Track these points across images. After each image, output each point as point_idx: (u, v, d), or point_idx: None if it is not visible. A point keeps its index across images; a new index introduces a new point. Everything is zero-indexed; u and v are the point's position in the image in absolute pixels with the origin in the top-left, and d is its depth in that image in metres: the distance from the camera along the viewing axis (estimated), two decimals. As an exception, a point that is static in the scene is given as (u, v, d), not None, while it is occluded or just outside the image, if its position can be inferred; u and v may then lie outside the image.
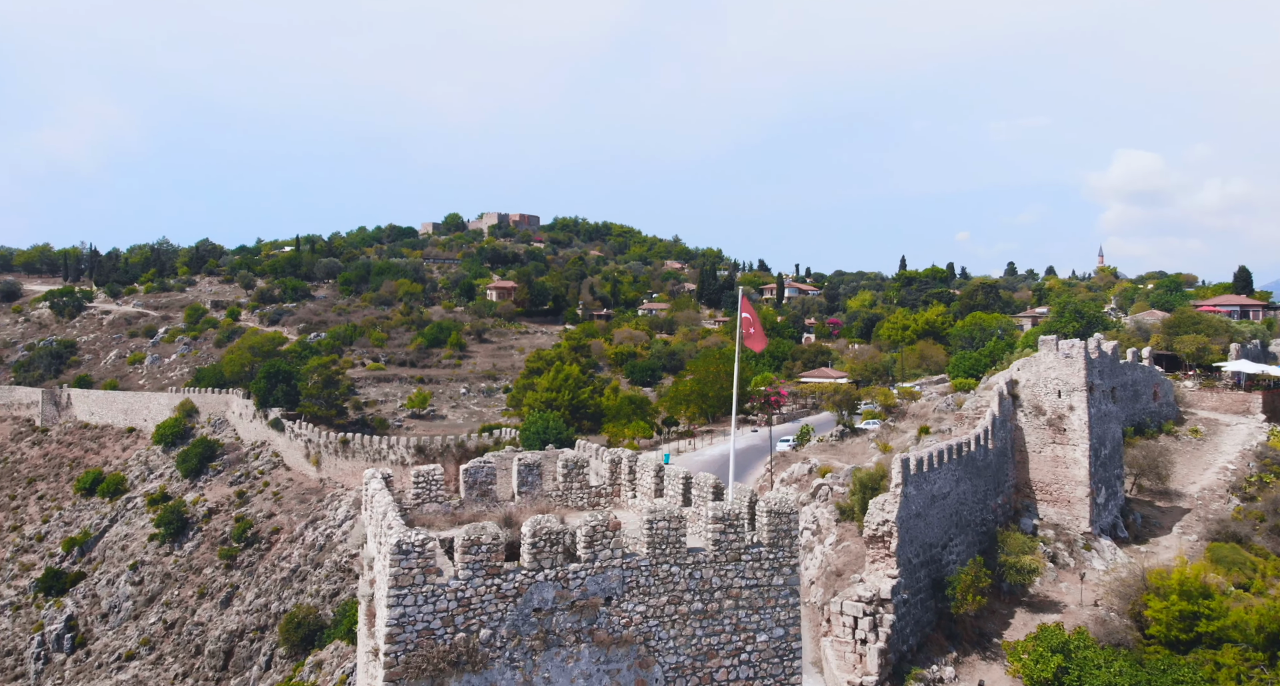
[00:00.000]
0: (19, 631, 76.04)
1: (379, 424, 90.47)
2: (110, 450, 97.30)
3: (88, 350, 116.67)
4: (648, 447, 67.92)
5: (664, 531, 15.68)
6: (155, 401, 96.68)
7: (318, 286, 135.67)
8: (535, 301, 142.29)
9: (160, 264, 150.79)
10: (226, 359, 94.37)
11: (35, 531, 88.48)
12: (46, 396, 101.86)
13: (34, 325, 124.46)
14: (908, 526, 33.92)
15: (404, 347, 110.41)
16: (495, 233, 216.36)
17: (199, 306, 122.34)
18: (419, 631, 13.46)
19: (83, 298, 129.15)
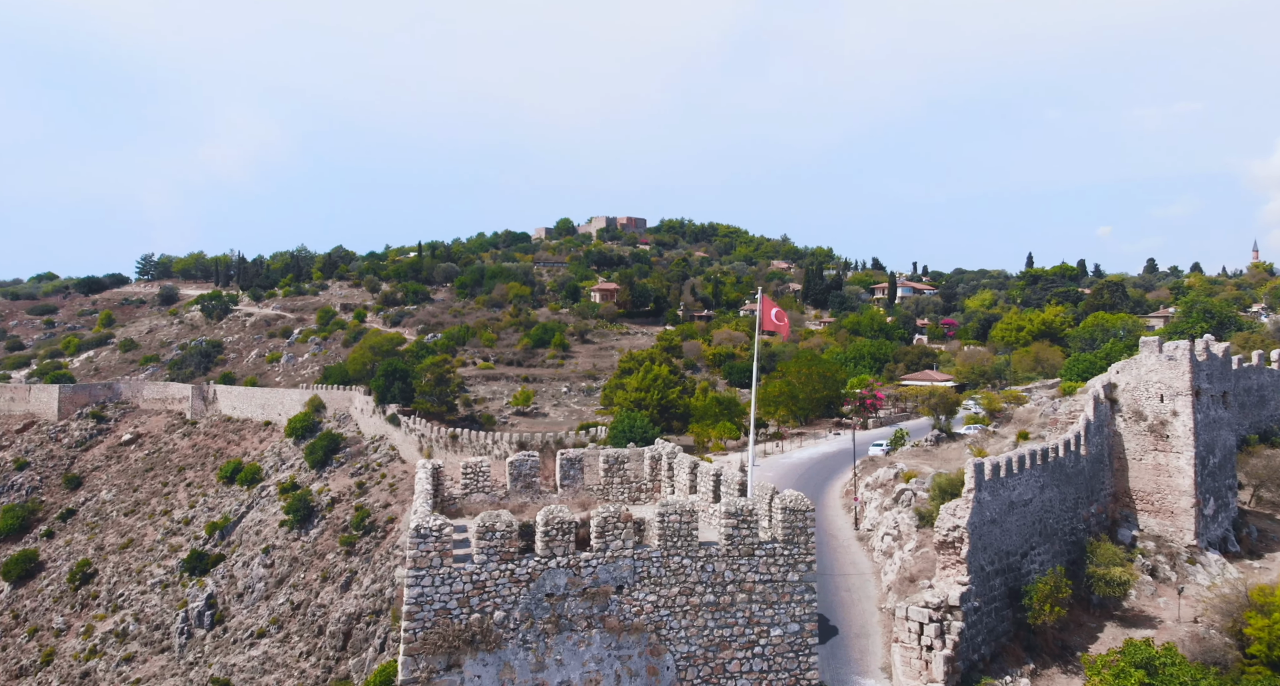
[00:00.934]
0: (166, 607, 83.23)
1: (486, 420, 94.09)
2: (249, 442, 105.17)
3: (232, 349, 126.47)
4: (735, 449, 67.96)
5: (675, 524, 16.25)
6: (288, 397, 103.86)
7: (437, 290, 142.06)
8: (636, 303, 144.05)
9: (298, 269, 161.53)
10: (350, 358, 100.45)
11: (183, 515, 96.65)
12: (195, 392, 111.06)
13: (186, 326, 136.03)
14: (981, 533, 32.95)
15: (511, 348, 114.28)
16: (603, 236, 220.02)
17: (329, 309, 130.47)
18: (436, 610, 14.57)
19: (229, 301, 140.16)
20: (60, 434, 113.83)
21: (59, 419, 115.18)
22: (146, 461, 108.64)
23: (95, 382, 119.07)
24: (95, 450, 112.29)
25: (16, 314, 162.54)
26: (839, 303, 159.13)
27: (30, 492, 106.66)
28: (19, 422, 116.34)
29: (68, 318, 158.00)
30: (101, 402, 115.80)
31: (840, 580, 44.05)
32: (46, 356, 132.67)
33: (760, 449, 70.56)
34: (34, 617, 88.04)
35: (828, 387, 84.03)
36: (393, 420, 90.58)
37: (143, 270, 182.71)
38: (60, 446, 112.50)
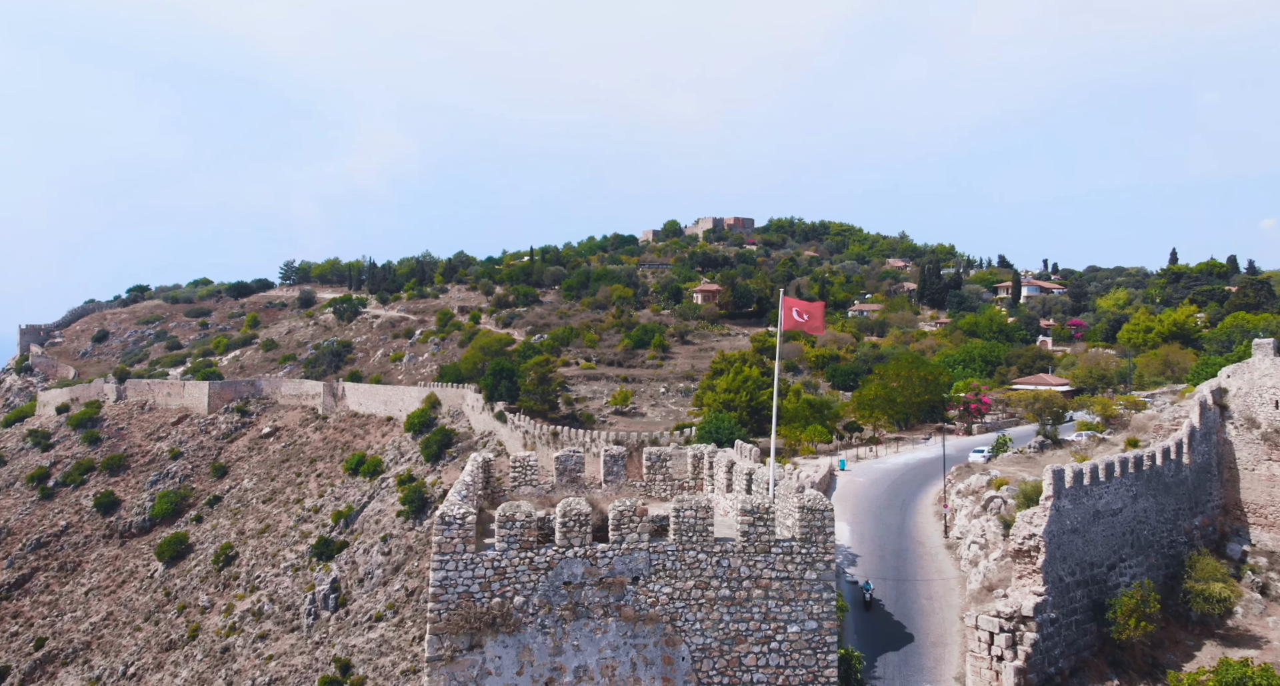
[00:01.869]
0: (296, 589, 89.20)
1: (586, 418, 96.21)
2: (373, 436, 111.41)
3: (360, 349, 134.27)
4: (825, 453, 66.97)
5: (690, 519, 16.73)
6: (408, 394, 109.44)
7: (546, 292, 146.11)
8: (738, 304, 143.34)
9: (421, 274, 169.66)
10: (463, 358, 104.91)
11: (313, 504, 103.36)
12: (326, 389, 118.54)
13: (320, 328, 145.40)
14: (1060, 542, 31.58)
15: (613, 348, 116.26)
16: (709, 237, 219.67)
17: (448, 311, 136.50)
18: (459, 593, 15.63)
19: (358, 304, 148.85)
20: (209, 426, 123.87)
21: (208, 413, 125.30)
22: (283, 453, 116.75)
23: (240, 380, 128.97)
24: (239, 442, 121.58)
25: (176, 316, 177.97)
26: (957, 302, 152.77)
27: (183, 480, 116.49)
28: (175, 416, 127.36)
29: (219, 319, 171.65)
30: (245, 398, 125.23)
31: (923, 588, 43.01)
32: (199, 355, 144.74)
33: (853, 453, 69.21)
34: (183, 595, 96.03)
35: (929, 391, 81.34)
36: (500, 417, 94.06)
37: (285, 275, 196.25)
38: (209, 438, 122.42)
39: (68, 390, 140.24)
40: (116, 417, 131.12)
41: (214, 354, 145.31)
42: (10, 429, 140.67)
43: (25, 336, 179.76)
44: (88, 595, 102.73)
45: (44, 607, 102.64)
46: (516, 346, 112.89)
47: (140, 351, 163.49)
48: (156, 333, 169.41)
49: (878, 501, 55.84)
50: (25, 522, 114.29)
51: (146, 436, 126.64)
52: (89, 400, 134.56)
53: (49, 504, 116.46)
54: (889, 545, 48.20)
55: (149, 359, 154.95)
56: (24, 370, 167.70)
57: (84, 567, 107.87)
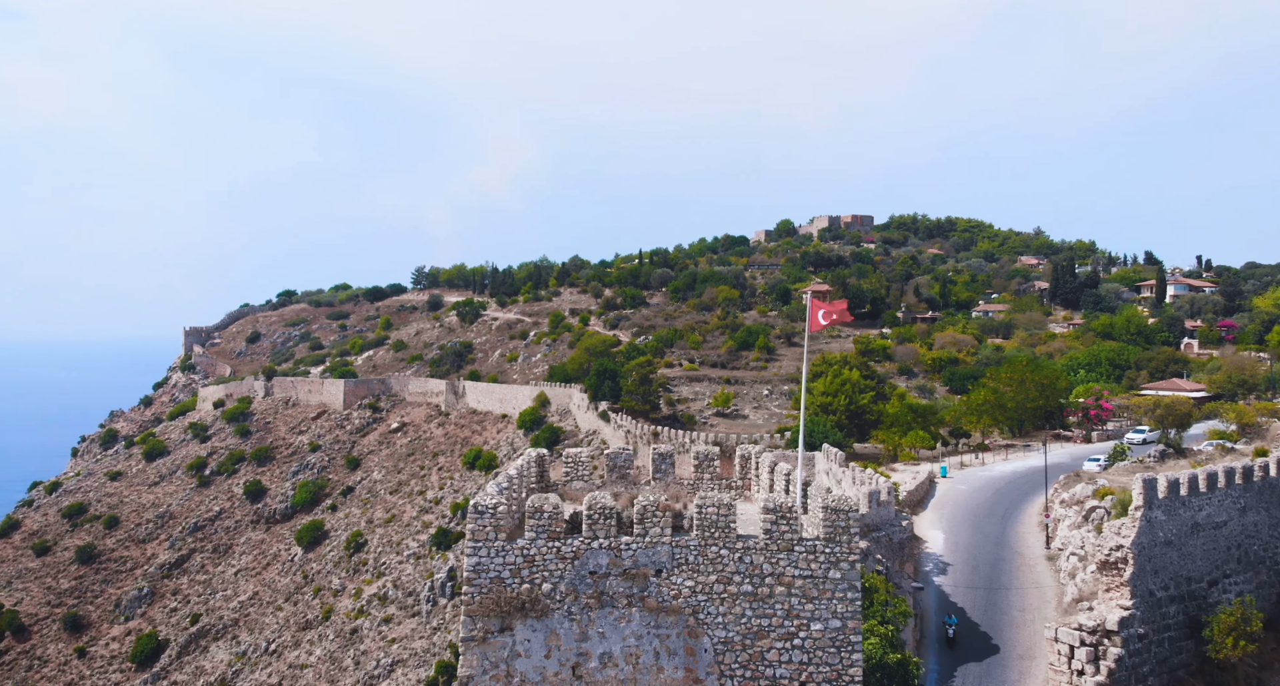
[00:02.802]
0: (418, 576, 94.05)
1: (688, 419, 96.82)
2: (489, 432, 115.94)
3: (480, 349, 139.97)
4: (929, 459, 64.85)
5: (712, 515, 17.15)
6: (520, 393, 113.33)
7: (653, 294, 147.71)
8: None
9: (538, 278, 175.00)
10: (570, 358, 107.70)
11: (434, 496, 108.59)
12: (448, 387, 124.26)
13: (445, 329, 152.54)
14: (1151, 555, 29.78)
15: (716, 350, 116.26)
16: (824, 236, 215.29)
17: (559, 313, 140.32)
18: (491, 578, 16.65)
19: (479, 307, 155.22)
20: (345, 421, 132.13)
21: (344, 408, 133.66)
22: (409, 447, 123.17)
23: (372, 378, 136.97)
24: (370, 436, 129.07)
25: (318, 319, 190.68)
26: (1093, 302, 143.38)
27: (320, 471, 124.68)
28: (314, 411, 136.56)
29: (357, 322, 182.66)
30: (376, 395, 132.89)
31: (1016, 599, 41.41)
32: (338, 355, 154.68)
33: (958, 461, 66.82)
34: (318, 578, 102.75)
35: (1045, 396, 77.29)
36: (603, 416, 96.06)
37: (416, 280, 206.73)
38: (344, 432, 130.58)
39: (223, 387, 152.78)
40: (264, 412, 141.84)
41: (350, 354, 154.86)
42: (175, 421, 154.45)
43: (189, 338, 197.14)
44: (236, 575, 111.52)
45: (199, 586, 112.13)
46: (621, 347, 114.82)
47: (287, 351, 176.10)
48: (301, 334, 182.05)
49: (978, 510, 53.88)
50: (185, 507, 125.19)
51: (290, 430, 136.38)
52: (241, 396, 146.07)
53: (205, 491, 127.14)
54: (984, 555, 46.52)
55: (294, 358, 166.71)
56: (188, 368, 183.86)
57: (234, 550, 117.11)
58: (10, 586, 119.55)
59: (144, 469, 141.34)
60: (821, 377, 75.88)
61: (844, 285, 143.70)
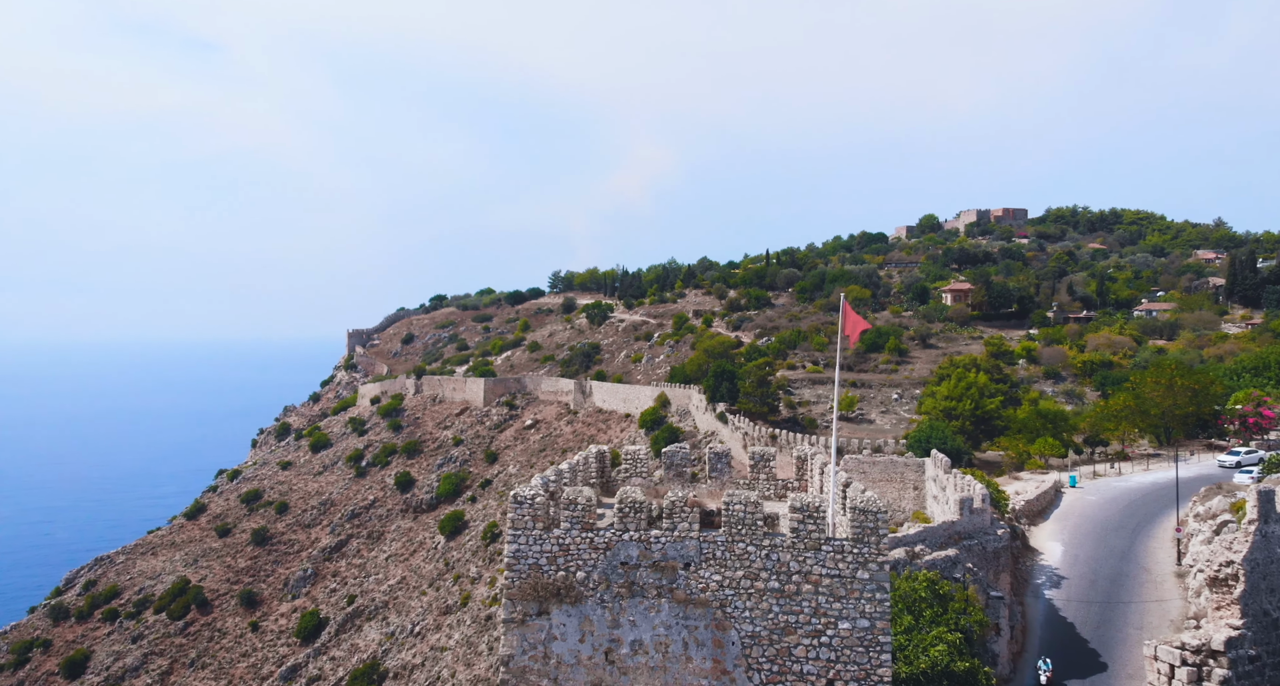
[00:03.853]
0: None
1: (808, 423, 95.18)
2: (613, 430, 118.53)
3: (607, 351, 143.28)
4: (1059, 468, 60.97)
5: (739, 513, 17.44)
6: (642, 393, 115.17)
7: (779, 295, 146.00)
8: (994, 304, 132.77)
9: (665, 280, 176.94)
10: (689, 360, 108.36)
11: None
12: (576, 386, 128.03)
13: (575, 331, 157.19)
14: (1267, 572, 27.15)
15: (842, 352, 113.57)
16: (971, 231, 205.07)
17: (683, 314, 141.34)
18: (529, 565, 17.67)
19: (607, 309, 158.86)
20: (484, 418, 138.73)
21: (484, 405, 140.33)
22: (541, 443, 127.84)
23: (509, 377, 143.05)
24: (507, 432, 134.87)
25: (465, 321, 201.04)
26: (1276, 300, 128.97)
27: (462, 464, 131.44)
28: (458, 408, 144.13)
29: (498, 324, 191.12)
30: (513, 393, 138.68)
31: (1134, 616, 38.73)
32: (480, 355, 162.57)
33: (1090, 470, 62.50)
34: (458, 566, 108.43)
35: (1196, 402, 70.79)
36: (721, 418, 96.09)
37: (553, 284, 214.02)
38: (484, 428, 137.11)
39: (379, 385, 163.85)
40: (414, 408, 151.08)
41: (490, 354, 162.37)
42: (337, 416, 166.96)
43: (352, 339, 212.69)
44: (387, 561, 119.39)
45: (355, 569, 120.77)
46: (742, 349, 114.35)
47: (437, 351, 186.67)
48: (449, 335, 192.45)
49: (1106, 523, 50.40)
50: (344, 496, 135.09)
51: (436, 425, 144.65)
52: (394, 393, 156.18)
53: (362, 481, 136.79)
54: (1105, 569, 43.62)
55: (442, 358, 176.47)
56: (350, 367, 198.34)
57: (385, 537, 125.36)
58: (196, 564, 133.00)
59: (310, 459, 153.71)
60: (946, 381, 72.88)
61: (986, 283, 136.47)
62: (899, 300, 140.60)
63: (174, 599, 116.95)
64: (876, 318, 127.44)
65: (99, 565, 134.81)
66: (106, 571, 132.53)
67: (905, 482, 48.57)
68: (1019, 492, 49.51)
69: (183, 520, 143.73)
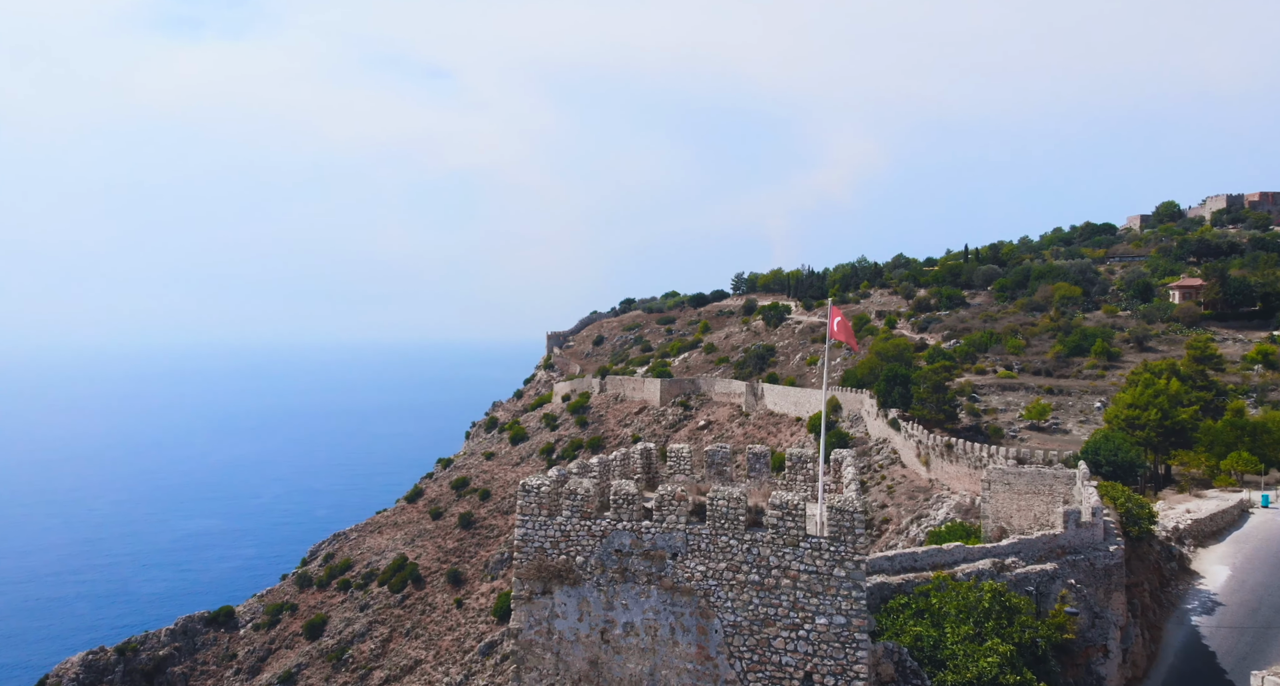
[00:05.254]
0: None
1: (993, 432, 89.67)
2: (783, 434, 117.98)
3: (782, 353, 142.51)
4: (1253, 486, 53.90)
5: (722, 508, 18.50)
6: (813, 397, 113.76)
7: (975, 294, 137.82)
8: (1232, 301, 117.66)
9: (850, 280, 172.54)
10: (860, 362, 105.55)
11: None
12: (748, 389, 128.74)
13: (751, 333, 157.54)
14: None
15: (1041, 355, 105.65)
16: (1219, 219, 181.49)
17: (865, 316, 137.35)
18: (535, 548, 19.77)
19: (783, 311, 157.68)
20: (660, 417, 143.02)
21: (660, 405, 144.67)
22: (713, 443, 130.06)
23: (684, 378, 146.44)
24: (681, 431, 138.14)
25: (650, 323, 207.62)
26: None
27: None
28: (636, 407, 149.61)
29: (681, 326, 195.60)
30: (687, 394, 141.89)
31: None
32: (659, 356, 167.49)
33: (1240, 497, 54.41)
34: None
35: None
36: (893, 424, 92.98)
37: (735, 286, 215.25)
38: (660, 427, 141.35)
39: (570, 383, 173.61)
40: (599, 406, 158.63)
41: (669, 356, 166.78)
42: (534, 412, 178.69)
43: (550, 341, 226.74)
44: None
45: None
46: (925, 352, 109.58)
47: (624, 352, 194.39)
48: (635, 337, 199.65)
49: (1289, 548, 44.43)
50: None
51: (617, 423, 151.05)
52: (581, 392, 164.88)
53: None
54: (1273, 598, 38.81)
55: (627, 359, 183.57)
56: (548, 367, 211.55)
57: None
58: (414, 543, 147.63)
59: (510, 451, 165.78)
60: (1133, 388, 66.61)
61: (1222, 278, 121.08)
62: (1116, 298, 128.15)
63: (394, 573, 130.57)
64: (1086, 318, 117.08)
65: (336, 540, 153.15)
66: (342, 546, 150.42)
67: (1054, 495, 45.46)
68: (1190, 511, 44.75)
69: (404, 503, 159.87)
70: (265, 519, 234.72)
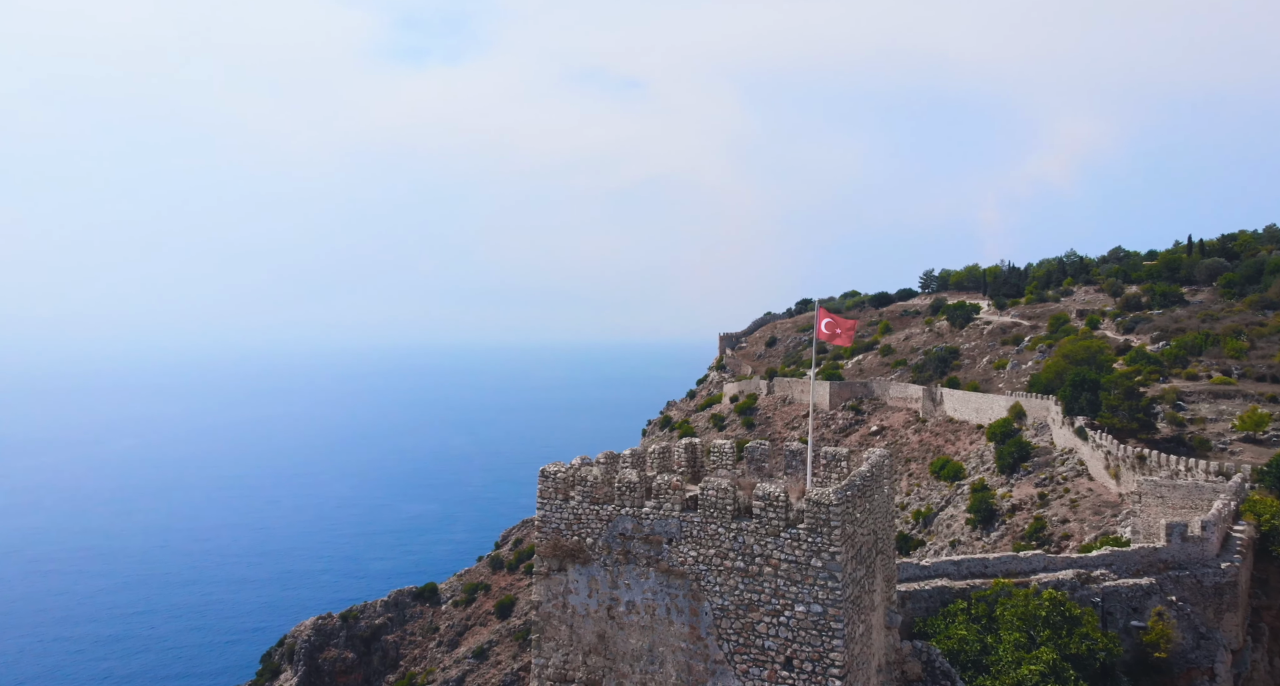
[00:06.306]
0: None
1: (1198, 443, 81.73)
2: (962, 442, 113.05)
3: (967, 355, 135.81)
4: None
5: (713, 498, 20.03)
6: (996, 403, 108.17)
7: (1196, 291, 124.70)
8: None
9: (1052, 276, 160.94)
10: (1045, 366, 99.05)
11: (900, 501, 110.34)
12: (925, 393, 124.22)
13: (933, 334, 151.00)
14: None
15: (1268, 359, 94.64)
16: None
17: (1063, 315, 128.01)
18: (552, 529, 22.20)
19: (971, 310, 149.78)
20: (829, 421, 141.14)
21: (829, 409, 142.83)
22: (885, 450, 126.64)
23: (856, 381, 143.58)
24: (852, 437, 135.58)
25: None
26: None
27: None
28: (804, 410, 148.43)
29: (860, 327, 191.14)
30: (859, 398, 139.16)
31: None
32: (832, 358, 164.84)
33: None
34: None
35: None
36: (1080, 433, 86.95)
37: (924, 284, 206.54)
38: (829, 431, 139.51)
39: (738, 384, 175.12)
40: (766, 408, 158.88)
41: (841, 357, 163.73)
42: (703, 412, 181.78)
43: (723, 342, 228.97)
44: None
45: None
46: (1128, 354, 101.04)
47: (796, 354, 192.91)
48: (810, 338, 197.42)
49: None
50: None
51: (784, 425, 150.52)
52: (749, 393, 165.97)
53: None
54: None
55: (800, 361, 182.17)
56: (720, 368, 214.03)
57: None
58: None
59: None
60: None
61: None
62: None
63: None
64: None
65: (525, 526, 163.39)
66: (530, 532, 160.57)
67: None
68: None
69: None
70: (474, 505, 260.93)
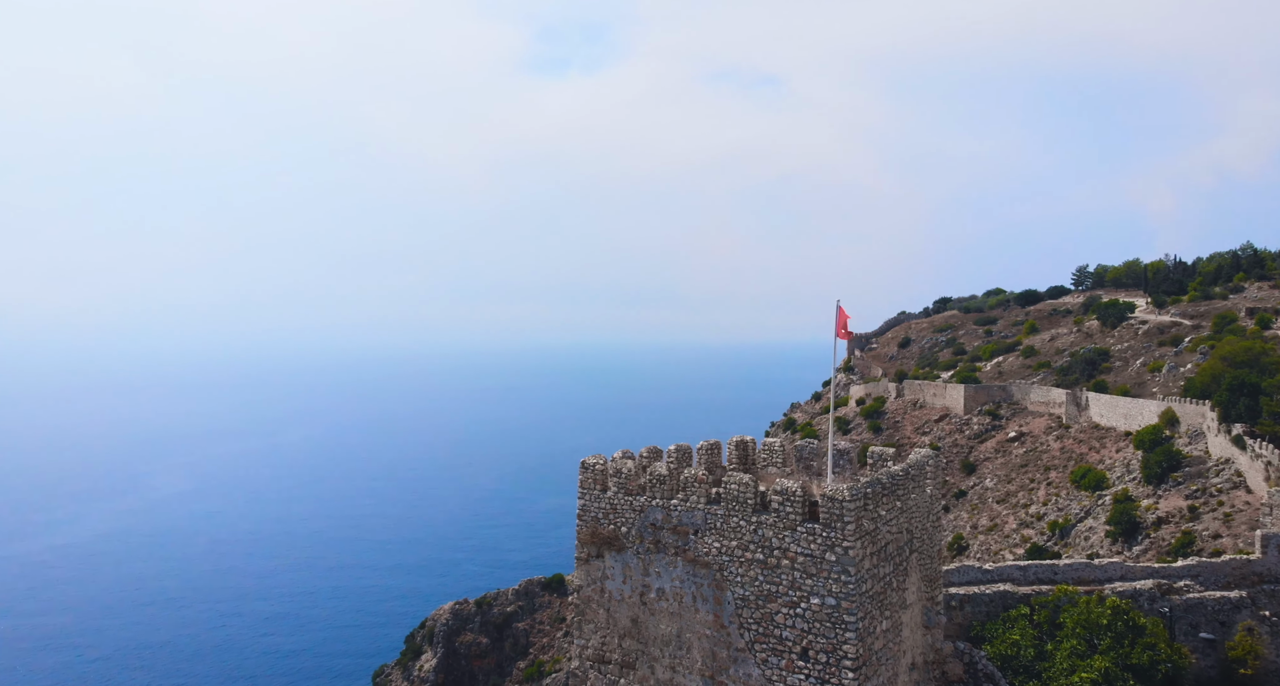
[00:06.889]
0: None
1: (1376, 455, 74.23)
2: (1107, 450, 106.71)
3: (1119, 357, 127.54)
4: None
5: (735, 492, 20.89)
6: (1146, 409, 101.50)
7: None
8: None
9: (1223, 272, 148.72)
10: (1200, 369, 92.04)
11: (1036, 511, 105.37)
12: (1069, 398, 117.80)
13: (1082, 334, 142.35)
14: None
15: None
16: None
17: (1230, 314, 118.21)
18: (592, 517, 23.63)
19: (1124, 309, 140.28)
20: (964, 426, 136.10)
21: (964, 413, 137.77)
22: (1023, 457, 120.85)
23: (993, 385, 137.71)
24: (988, 443, 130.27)
25: (966, 324, 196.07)
26: None
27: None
28: (937, 414, 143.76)
29: (1003, 327, 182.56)
30: (997, 402, 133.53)
31: None
32: (968, 360, 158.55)
33: None
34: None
35: None
36: (1238, 442, 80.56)
37: (1077, 281, 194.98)
38: (963, 436, 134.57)
39: (865, 387, 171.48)
40: (894, 412, 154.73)
41: (980, 360, 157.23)
42: (826, 414, 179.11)
43: (852, 343, 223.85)
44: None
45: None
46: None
47: (932, 355, 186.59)
48: (947, 339, 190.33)
49: None
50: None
51: (914, 429, 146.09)
52: (876, 396, 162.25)
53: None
54: None
55: (935, 363, 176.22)
56: (849, 370, 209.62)
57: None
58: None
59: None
60: None
61: None
62: None
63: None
64: None
65: None
66: None
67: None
68: None
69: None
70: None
